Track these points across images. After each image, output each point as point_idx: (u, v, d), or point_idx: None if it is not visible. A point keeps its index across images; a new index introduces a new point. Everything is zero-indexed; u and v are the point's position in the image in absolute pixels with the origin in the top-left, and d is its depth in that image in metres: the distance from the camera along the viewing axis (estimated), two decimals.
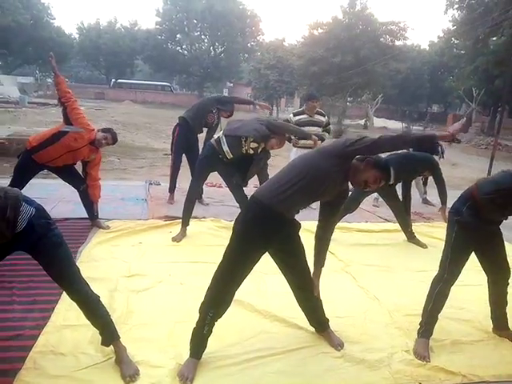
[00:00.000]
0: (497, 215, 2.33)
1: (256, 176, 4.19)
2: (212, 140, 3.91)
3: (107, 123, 16.48)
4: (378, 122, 28.41)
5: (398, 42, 24.37)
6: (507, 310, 2.57)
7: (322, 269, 2.42)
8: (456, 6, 20.16)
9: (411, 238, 4.27)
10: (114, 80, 40.89)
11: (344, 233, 4.42)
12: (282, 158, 7.29)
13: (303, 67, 23.65)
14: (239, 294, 2.71)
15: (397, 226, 4.42)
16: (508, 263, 2.44)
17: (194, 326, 2.14)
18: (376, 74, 22.17)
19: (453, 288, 2.42)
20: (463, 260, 2.38)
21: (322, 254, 2.36)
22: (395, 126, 24.92)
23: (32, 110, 18.49)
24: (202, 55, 39.29)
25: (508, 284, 2.47)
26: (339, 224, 4.34)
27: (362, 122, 27.39)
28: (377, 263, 3.65)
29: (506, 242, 2.47)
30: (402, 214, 4.33)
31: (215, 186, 5.99)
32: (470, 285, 3.06)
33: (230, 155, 3.71)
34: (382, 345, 2.41)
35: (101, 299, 2.09)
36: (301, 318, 2.48)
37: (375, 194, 5.76)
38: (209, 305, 2.12)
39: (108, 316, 2.08)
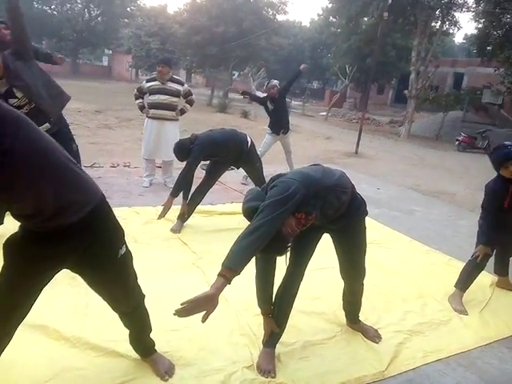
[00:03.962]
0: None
1: None
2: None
3: None
4: None
5: (279, 17, 24.54)
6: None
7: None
8: None
9: None
10: None
11: (204, 217, 3.95)
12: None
13: (186, 36, 22.38)
14: (42, 316, 2.06)
15: None
16: (364, 265, 2.17)
17: None
18: (259, 47, 22.03)
19: (307, 273, 2.07)
20: (306, 250, 2.02)
21: None
22: None
23: None
24: (75, 17, 35.10)
25: (363, 283, 2.23)
26: (200, 207, 3.87)
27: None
28: None
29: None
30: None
31: None
32: (326, 268, 2.83)
33: None
34: (221, 362, 1.98)
35: None
36: (123, 339, 1.92)
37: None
38: None
39: None
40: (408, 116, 15.58)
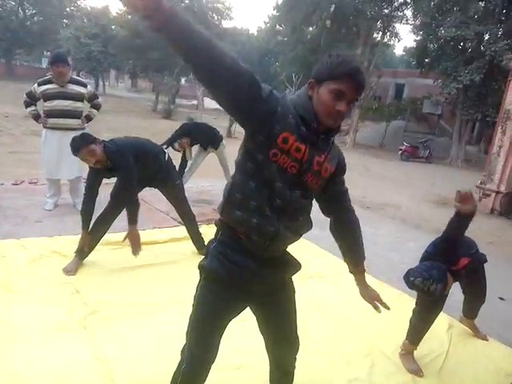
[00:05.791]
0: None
1: None
2: None
3: None
4: (212, 104, 28.07)
5: (225, 23, 24.15)
6: None
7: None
8: None
9: (201, 248, 3.33)
10: None
11: (113, 250, 3.23)
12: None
13: (127, 39, 21.32)
14: None
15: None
16: (297, 334, 1.55)
17: None
18: None
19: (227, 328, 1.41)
20: (213, 326, 1.40)
21: None
22: None
23: None
24: (8, 16, 32.58)
25: (296, 359, 1.61)
26: (108, 237, 3.13)
27: (196, 102, 26.58)
28: (139, 300, 2.55)
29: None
30: (189, 214, 3.35)
31: None
32: (249, 318, 2.21)
33: None
34: None
35: None
36: None
37: None
38: None
39: None
40: (353, 125, 15.62)
